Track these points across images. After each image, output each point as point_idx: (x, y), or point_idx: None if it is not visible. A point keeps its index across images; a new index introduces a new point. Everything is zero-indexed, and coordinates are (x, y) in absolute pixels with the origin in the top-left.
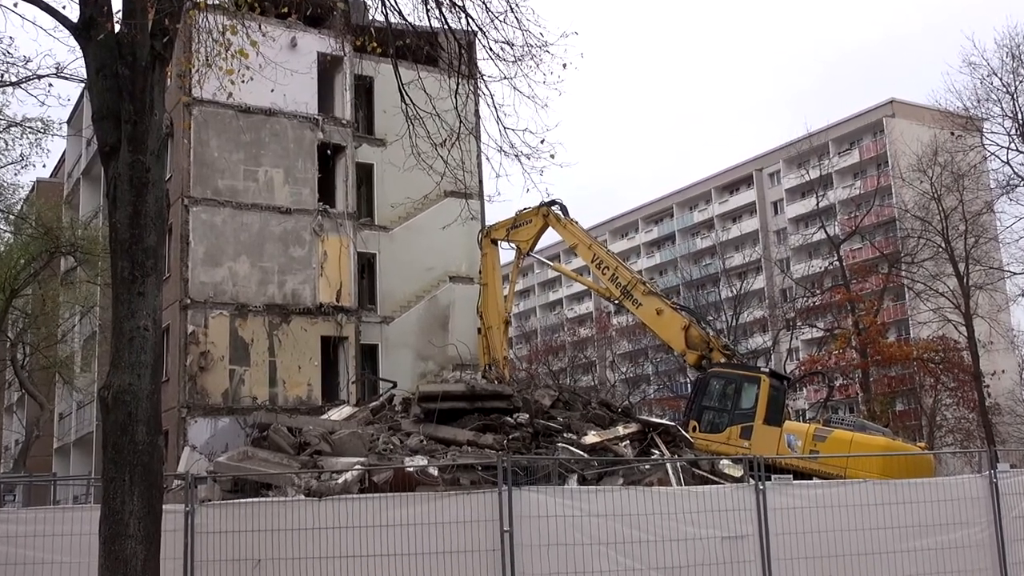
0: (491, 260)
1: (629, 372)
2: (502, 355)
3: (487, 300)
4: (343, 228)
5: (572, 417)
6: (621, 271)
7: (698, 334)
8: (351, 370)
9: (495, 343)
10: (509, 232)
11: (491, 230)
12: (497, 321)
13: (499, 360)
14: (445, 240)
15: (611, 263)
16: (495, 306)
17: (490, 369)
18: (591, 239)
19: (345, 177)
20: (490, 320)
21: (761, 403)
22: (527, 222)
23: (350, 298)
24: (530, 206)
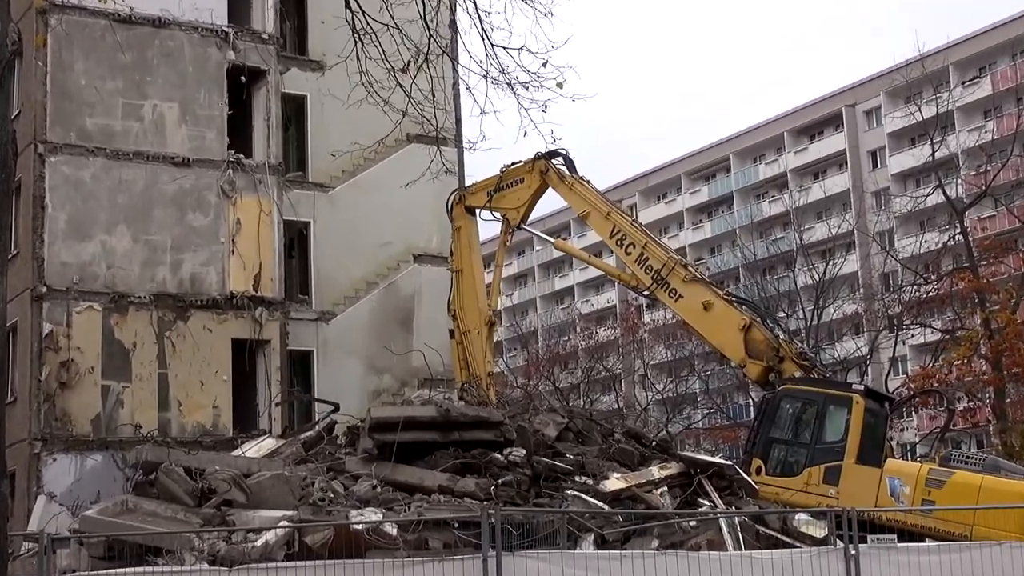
0: (467, 236)
1: (668, 390)
2: (486, 369)
3: (462, 293)
4: (263, 186)
5: (587, 453)
6: (652, 249)
7: (763, 337)
8: (275, 387)
9: (475, 353)
10: (492, 196)
11: (467, 194)
12: (477, 322)
13: (482, 376)
14: (408, 204)
15: (638, 238)
16: (474, 301)
17: (469, 388)
18: (609, 205)
19: (266, 115)
20: (468, 321)
21: (853, 434)
22: (517, 181)
23: (273, 285)
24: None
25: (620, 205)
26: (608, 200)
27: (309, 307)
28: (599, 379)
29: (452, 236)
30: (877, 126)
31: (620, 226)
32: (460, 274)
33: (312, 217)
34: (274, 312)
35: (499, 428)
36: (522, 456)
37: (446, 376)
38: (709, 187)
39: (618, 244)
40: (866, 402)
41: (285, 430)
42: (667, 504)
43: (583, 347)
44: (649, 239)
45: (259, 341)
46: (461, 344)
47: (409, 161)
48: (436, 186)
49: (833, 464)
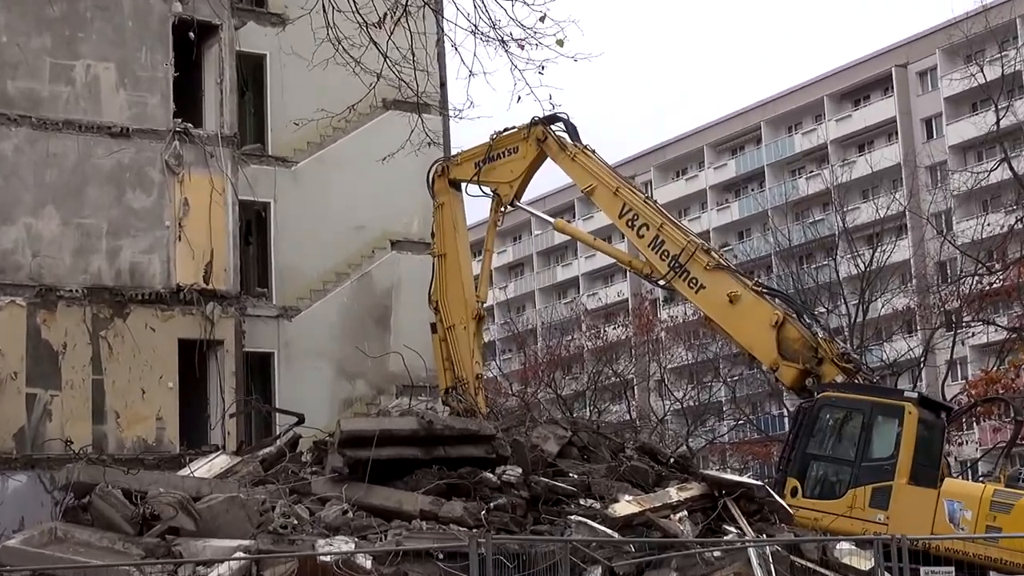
0: (451, 215)
1: (688, 398)
2: (474, 371)
3: (446, 281)
4: (215, 161)
5: (594, 472)
6: (669, 232)
7: (799, 335)
8: (229, 396)
9: (462, 351)
10: (482, 167)
11: (451, 165)
12: (464, 316)
13: (469, 379)
14: (385, 181)
15: (652, 218)
16: (460, 291)
17: (454, 393)
18: (619, 179)
19: (219, 77)
20: (452, 314)
21: (905, 449)
22: (511, 151)
23: (227, 277)
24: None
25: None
26: (617, 174)
27: (269, 302)
28: (608, 386)
29: (434, 215)
30: (932, 90)
31: (631, 204)
32: (443, 259)
33: (272, 197)
34: (228, 308)
35: (491, 443)
36: (518, 475)
37: (429, 383)
38: (736, 161)
39: (629, 225)
40: (920, 412)
41: (241, 446)
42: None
43: (589, 348)
44: (665, 220)
45: (210, 342)
46: (445, 341)
47: (386, 131)
48: (417, 160)
49: (881, 484)
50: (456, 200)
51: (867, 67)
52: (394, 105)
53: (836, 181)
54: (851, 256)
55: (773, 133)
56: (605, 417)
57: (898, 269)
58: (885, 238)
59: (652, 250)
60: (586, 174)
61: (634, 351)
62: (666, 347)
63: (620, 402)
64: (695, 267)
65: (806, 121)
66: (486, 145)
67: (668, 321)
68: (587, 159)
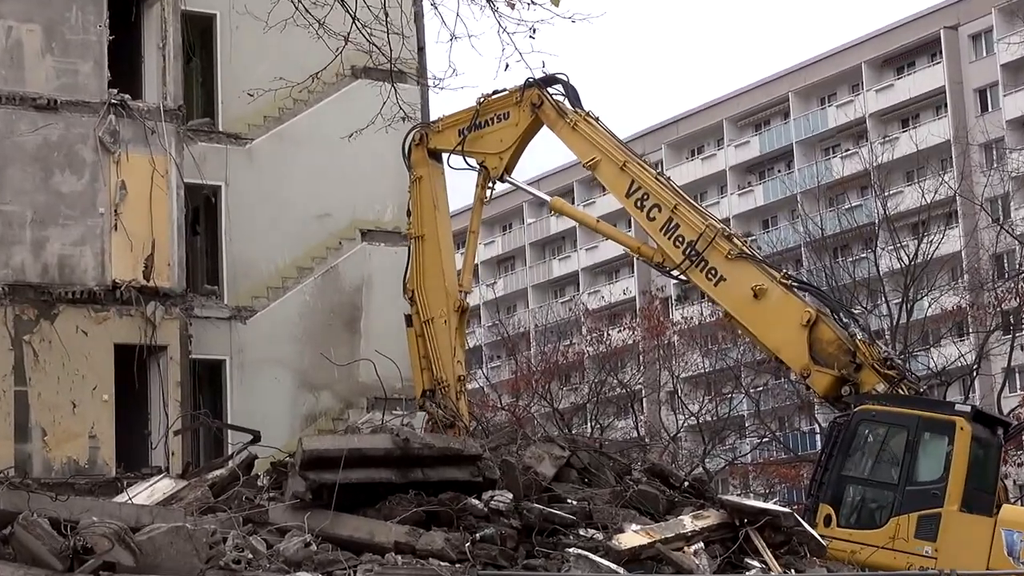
0: (430, 190)
1: (705, 412)
2: (455, 372)
3: (424, 267)
4: (157, 138)
5: (596, 498)
6: (685, 214)
7: (834, 337)
8: (173, 410)
9: (441, 349)
10: (466, 136)
11: (431, 132)
12: (444, 307)
13: (450, 381)
14: (353, 161)
15: (665, 198)
16: (440, 279)
17: (431, 398)
18: (626, 152)
19: (161, 41)
20: (431, 306)
21: (956, 471)
22: (501, 117)
23: (171, 272)
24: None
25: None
26: (625, 146)
27: (220, 301)
28: (612, 398)
29: (410, 190)
30: (987, 55)
31: (641, 182)
32: (421, 242)
33: (224, 179)
34: (172, 308)
35: (476, 464)
36: (508, 502)
37: (405, 394)
38: (761, 138)
39: (638, 206)
40: (974, 428)
41: (187, 468)
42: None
43: (590, 354)
44: (680, 200)
45: (152, 348)
46: (422, 337)
47: (354, 104)
48: (391, 137)
49: (929, 512)
50: (436, 173)
51: (912, 29)
52: (364, 73)
53: (876, 161)
54: (893, 248)
55: (803, 105)
56: (609, 434)
57: (947, 263)
58: (932, 227)
59: (664, 235)
60: (589, 145)
61: (642, 358)
62: (679, 353)
63: (626, 417)
64: (714, 256)
65: (841, 92)
66: (472, 110)
67: (681, 323)
68: (590, 128)
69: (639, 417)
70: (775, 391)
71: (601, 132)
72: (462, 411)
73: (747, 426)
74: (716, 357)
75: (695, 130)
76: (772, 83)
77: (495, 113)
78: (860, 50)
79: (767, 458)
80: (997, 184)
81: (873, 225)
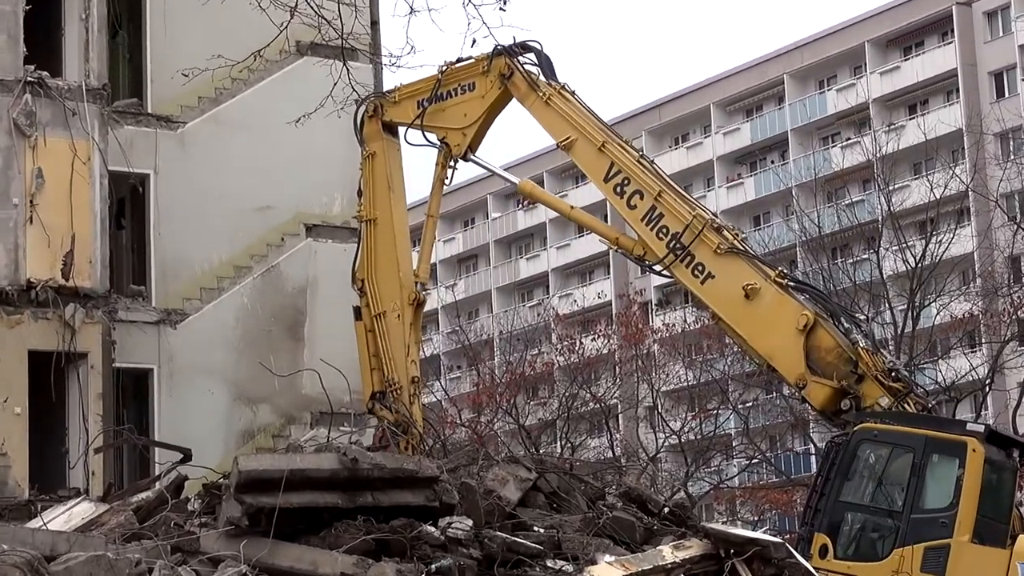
0: (384, 169)
1: (688, 430)
2: (408, 372)
3: (376, 255)
4: (78, 120)
5: (566, 526)
6: (669, 203)
7: (834, 343)
8: (94, 425)
9: (394, 346)
10: (426, 108)
11: (386, 103)
12: (398, 300)
13: (403, 382)
14: (299, 148)
15: (648, 184)
16: (393, 268)
17: (381, 400)
18: (606, 131)
19: (83, 12)
20: (384, 298)
21: (967, 497)
22: (466, 88)
23: (92, 271)
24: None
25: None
26: (605, 124)
27: (147, 304)
28: (585, 414)
29: (362, 167)
30: (1004, 35)
31: (621, 165)
32: (373, 226)
33: (153, 167)
34: (94, 311)
35: (433, 487)
36: (467, 529)
37: (353, 409)
38: (752, 125)
39: (617, 192)
40: (987, 449)
41: (109, 489)
42: None
43: (561, 365)
44: (665, 187)
45: (71, 355)
46: (372, 332)
47: (300, 84)
48: (341, 122)
49: (937, 543)
50: (392, 149)
51: (920, 5)
52: (311, 50)
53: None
54: (898, 248)
55: (799, 89)
56: (581, 454)
57: (958, 265)
58: (942, 225)
59: (646, 225)
60: (563, 122)
61: (619, 369)
62: (660, 364)
63: (600, 435)
64: (702, 250)
65: (842, 74)
66: (433, 79)
67: (663, 330)
68: (565, 103)
69: (614, 435)
70: (766, 407)
71: (578, 108)
72: (416, 416)
73: (734, 446)
74: (701, 369)
75: (679, 116)
76: (765, 64)
77: (459, 84)
78: (863, 28)
79: (756, 482)
80: (1014, 178)
81: (876, 223)
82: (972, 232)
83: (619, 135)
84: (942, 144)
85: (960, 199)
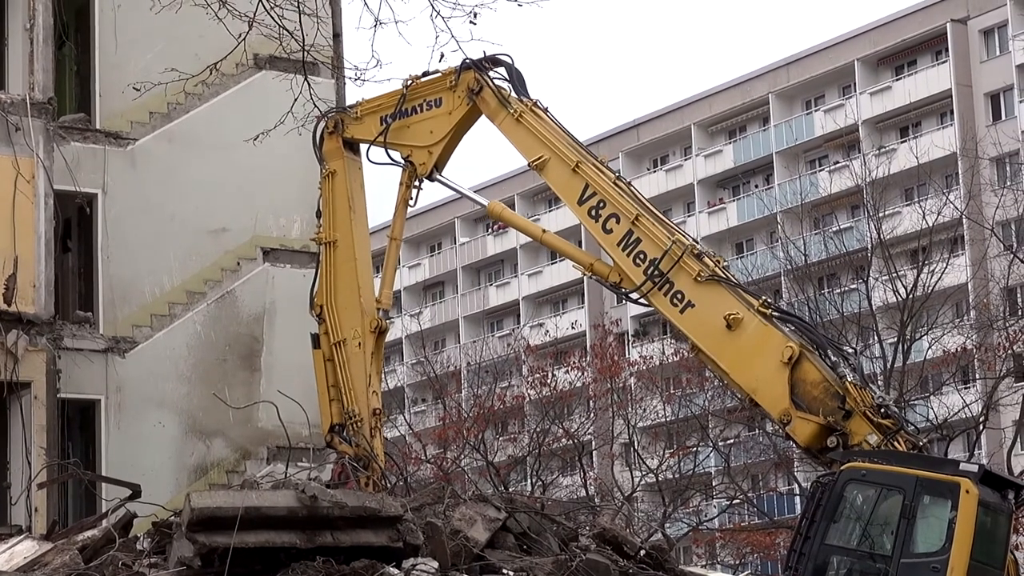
0: (344, 188)
1: (666, 468)
2: (369, 403)
3: (336, 278)
4: (22, 136)
5: (537, 569)
6: (647, 227)
7: (820, 377)
8: (36, 459)
9: (354, 376)
10: (389, 124)
11: (347, 119)
12: (358, 327)
13: (363, 414)
14: (256, 167)
15: (625, 207)
16: (354, 293)
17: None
18: (579, 151)
19: (28, 21)
20: (344, 325)
21: (960, 541)
22: (432, 104)
23: (36, 296)
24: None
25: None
26: (579, 145)
27: (95, 331)
28: (557, 450)
29: (321, 185)
30: (1001, 54)
31: (596, 187)
32: (332, 248)
33: (102, 187)
34: (38, 338)
35: (396, 527)
36: (433, 571)
37: (313, 443)
38: (735, 147)
39: (591, 216)
40: (980, 491)
41: (53, 527)
42: None
43: (532, 398)
44: (642, 210)
45: (12, 384)
46: (331, 361)
47: (258, 99)
48: (301, 139)
49: None
50: (353, 168)
51: (913, 22)
52: (271, 64)
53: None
54: (888, 278)
55: (785, 110)
56: (552, 493)
57: (951, 297)
58: (934, 254)
59: (623, 251)
60: (535, 141)
61: (593, 403)
62: (636, 398)
63: (573, 473)
64: (681, 277)
65: (830, 94)
66: (398, 94)
67: (639, 363)
68: (537, 121)
69: (588, 473)
70: (748, 444)
71: (550, 126)
72: (377, 450)
73: (715, 485)
74: (679, 403)
75: (658, 136)
76: (749, 83)
77: (425, 99)
78: (853, 45)
79: (738, 523)
80: (1010, 205)
81: (865, 251)
82: (966, 262)
83: (594, 155)
84: (935, 169)
85: (954, 227)
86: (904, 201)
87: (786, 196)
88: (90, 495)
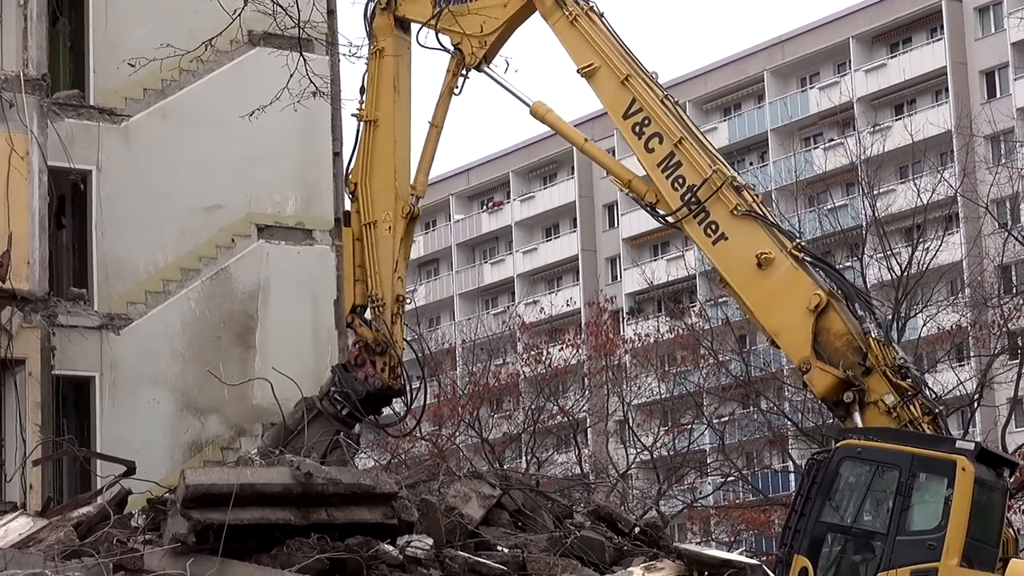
0: (391, 68)
1: (661, 446)
2: (393, 289)
3: (373, 158)
4: (16, 112)
5: (531, 545)
6: (689, 151)
7: (844, 329)
8: (31, 436)
9: (381, 259)
10: (443, 8)
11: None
12: (390, 210)
13: (386, 299)
14: (251, 144)
15: (670, 128)
16: (390, 175)
17: (361, 315)
18: (631, 64)
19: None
20: (375, 206)
21: (956, 519)
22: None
23: (31, 272)
24: None
25: None
26: (631, 56)
27: (89, 308)
28: (552, 428)
29: (368, 62)
30: (996, 32)
31: (643, 103)
32: (373, 128)
33: (96, 163)
34: (32, 315)
35: (391, 504)
36: (427, 548)
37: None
38: (729, 125)
39: (635, 132)
40: (976, 469)
41: (48, 504)
42: None
43: (527, 376)
44: (687, 134)
45: (7, 361)
46: (360, 241)
47: (253, 76)
48: (296, 116)
49: (924, 567)
50: (402, 47)
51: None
52: (265, 40)
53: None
54: (883, 256)
55: (780, 87)
56: (547, 470)
57: (946, 274)
58: (929, 232)
59: (662, 172)
60: (587, 47)
61: (588, 380)
62: (631, 376)
63: (568, 450)
64: (718, 208)
65: (824, 72)
66: None
67: (635, 340)
68: (591, 26)
69: (583, 451)
70: (743, 422)
71: (605, 33)
72: (396, 337)
73: (709, 463)
74: (674, 381)
75: None
76: (744, 60)
77: None
78: (847, 23)
79: (732, 500)
80: (1005, 183)
81: (860, 229)
82: (961, 240)
83: (646, 70)
84: (930, 146)
85: (948, 205)
86: (899, 179)
87: (781, 174)
88: (85, 472)
